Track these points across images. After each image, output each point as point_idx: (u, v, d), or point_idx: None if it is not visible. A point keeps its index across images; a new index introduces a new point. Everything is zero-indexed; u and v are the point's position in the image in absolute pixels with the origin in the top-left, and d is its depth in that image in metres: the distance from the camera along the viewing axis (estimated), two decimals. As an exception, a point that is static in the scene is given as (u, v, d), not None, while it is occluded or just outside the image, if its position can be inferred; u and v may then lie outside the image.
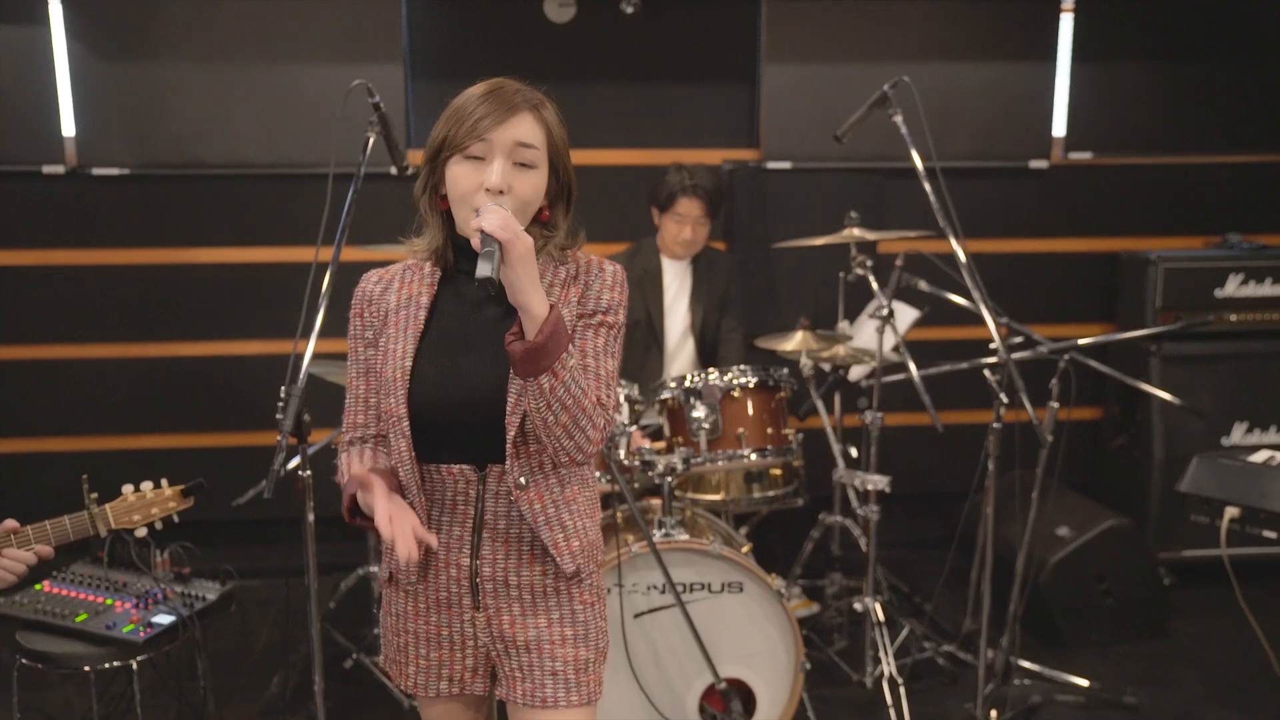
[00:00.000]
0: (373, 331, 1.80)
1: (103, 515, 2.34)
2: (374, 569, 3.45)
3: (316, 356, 2.56)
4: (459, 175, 1.67)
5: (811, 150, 4.36)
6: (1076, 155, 4.53)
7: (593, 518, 1.82)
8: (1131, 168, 4.57)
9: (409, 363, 1.71)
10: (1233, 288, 4.31)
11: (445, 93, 4.18)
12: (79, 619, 2.70)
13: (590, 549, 1.80)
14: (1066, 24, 4.44)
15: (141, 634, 2.64)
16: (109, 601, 2.78)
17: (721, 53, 4.37)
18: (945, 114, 4.23)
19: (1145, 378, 4.11)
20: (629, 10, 4.19)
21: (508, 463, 1.69)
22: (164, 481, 2.43)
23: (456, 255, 1.77)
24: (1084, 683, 3.41)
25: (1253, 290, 4.31)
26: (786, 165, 4.37)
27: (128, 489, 2.39)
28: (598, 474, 2.92)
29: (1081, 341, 3.19)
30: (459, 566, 1.75)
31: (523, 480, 1.70)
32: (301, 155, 4.18)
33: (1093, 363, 3.30)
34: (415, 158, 2.67)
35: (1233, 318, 4.28)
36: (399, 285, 1.80)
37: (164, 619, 2.70)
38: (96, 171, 4.09)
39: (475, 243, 1.59)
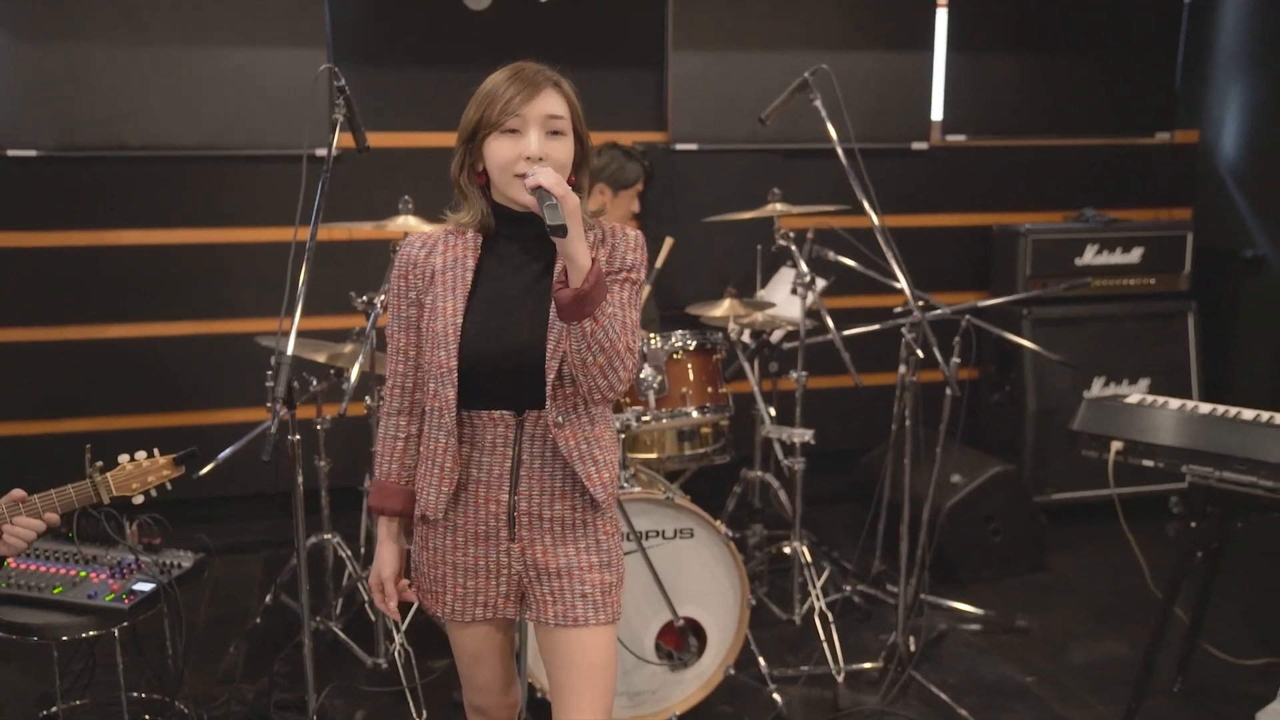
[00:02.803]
0: (416, 292, 1.97)
1: (105, 484, 2.41)
2: (327, 536, 3.56)
3: (275, 333, 2.67)
4: (499, 148, 1.86)
5: (716, 132, 4.65)
6: (953, 137, 4.96)
7: (614, 453, 2.03)
8: (1001, 149, 5.03)
9: (460, 319, 1.90)
10: (1090, 256, 4.80)
11: (368, 76, 4.32)
12: (56, 591, 2.73)
13: (613, 481, 2.01)
14: (942, 17, 4.86)
15: (125, 601, 2.70)
16: (83, 574, 2.82)
17: (631, 40, 4.61)
18: (835, 98, 4.58)
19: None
20: (543, -1, 4.39)
21: (547, 404, 1.89)
22: (156, 451, 2.51)
23: (498, 222, 1.96)
24: (981, 612, 3.81)
25: (1106, 259, 4.82)
26: (693, 147, 4.65)
27: (124, 458, 2.46)
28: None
29: (982, 304, 3.55)
30: (498, 502, 1.95)
31: (559, 419, 1.91)
32: (226, 138, 4.23)
33: (987, 325, 3.66)
34: (343, 140, 2.82)
35: (1090, 283, 4.78)
36: (443, 249, 1.97)
37: (144, 586, 2.77)
38: (12, 153, 4.04)
39: (525, 198, 1.80)
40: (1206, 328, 4.90)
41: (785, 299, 3.86)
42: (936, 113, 4.93)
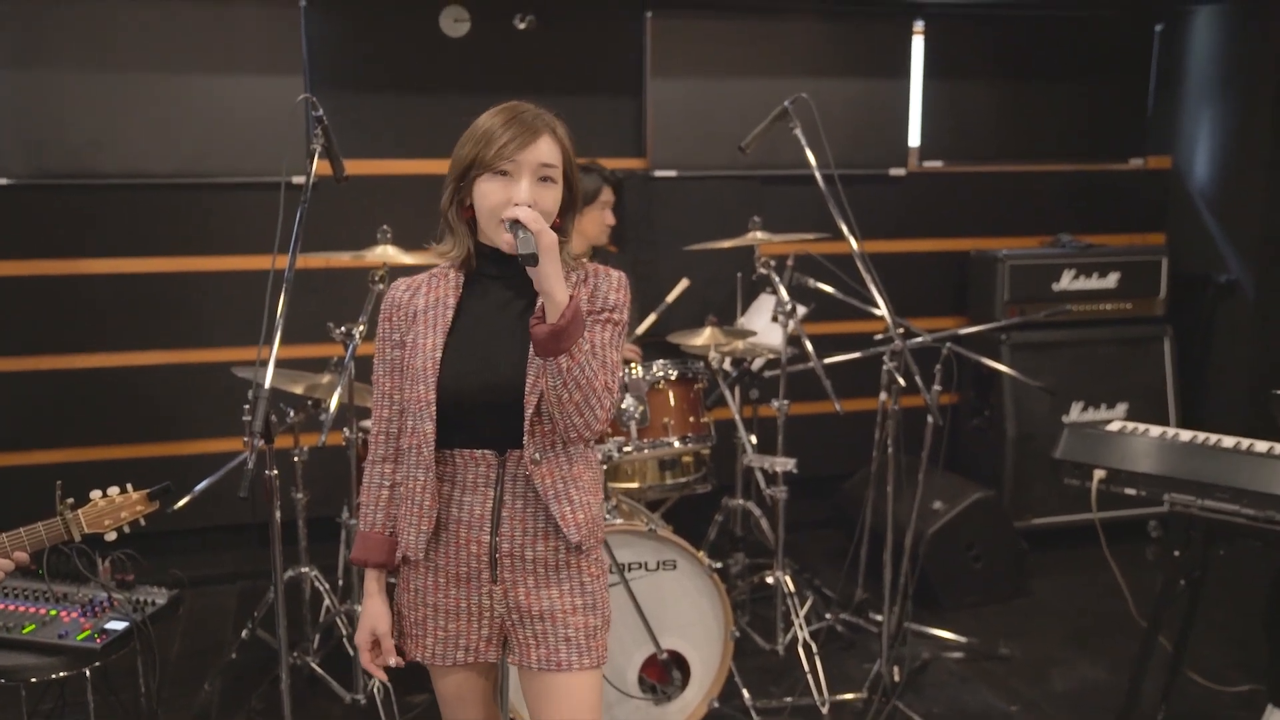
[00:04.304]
0: (399, 334, 1.96)
1: (76, 521, 2.36)
2: (304, 569, 3.51)
3: (251, 363, 2.63)
4: (489, 191, 1.85)
5: (695, 159, 4.66)
6: (930, 164, 4.99)
7: (595, 495, 2.00)
8: (977, 175, 5.06)
9: (439, 354, 1.89)
10: (1066, 282, 4.83)
11: (345, 103, 4.30)
12: (26, 630, 2.67)
13: (593, 523, 1.97)
14: (918, 45, 4.89)
15: (98, 640, 2.64)
16: (53, 612, 2.75)
17: (610, 67, 4.61)
18: (814, 126, 4.59)
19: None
20: (521, 26, 4.38)
21: (525, 439, 1.87)
22: (129, 486, 2.47)
23: (481, 260, 1.95)
24: (964, 640, 3.79)
25: (1083, 284, 4.85)
26: (672, 173, 4.65)
27: (96, 494, 2.42)
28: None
29: (963, 331, 3.55)
30: (479, 543, 1.91)
31: (536, 456, 1.88)
32: (201, 165, 4.20)
33: (968, 352, 3.66)
34: (320, 168, 2.79)
35: (1070, 310, 4.80)
36: (426, 290, 1.97)
37: (117, 625, 2.71)
38: (-17, 181, 4.00)
39: (506, 239, 1.80)
40: (1182, 352, 4.93)
41: (766, 326, 3.86)
42: (914, 139, 4.95)
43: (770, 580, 3.63)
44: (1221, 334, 4.96)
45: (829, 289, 3.76)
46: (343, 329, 3.24)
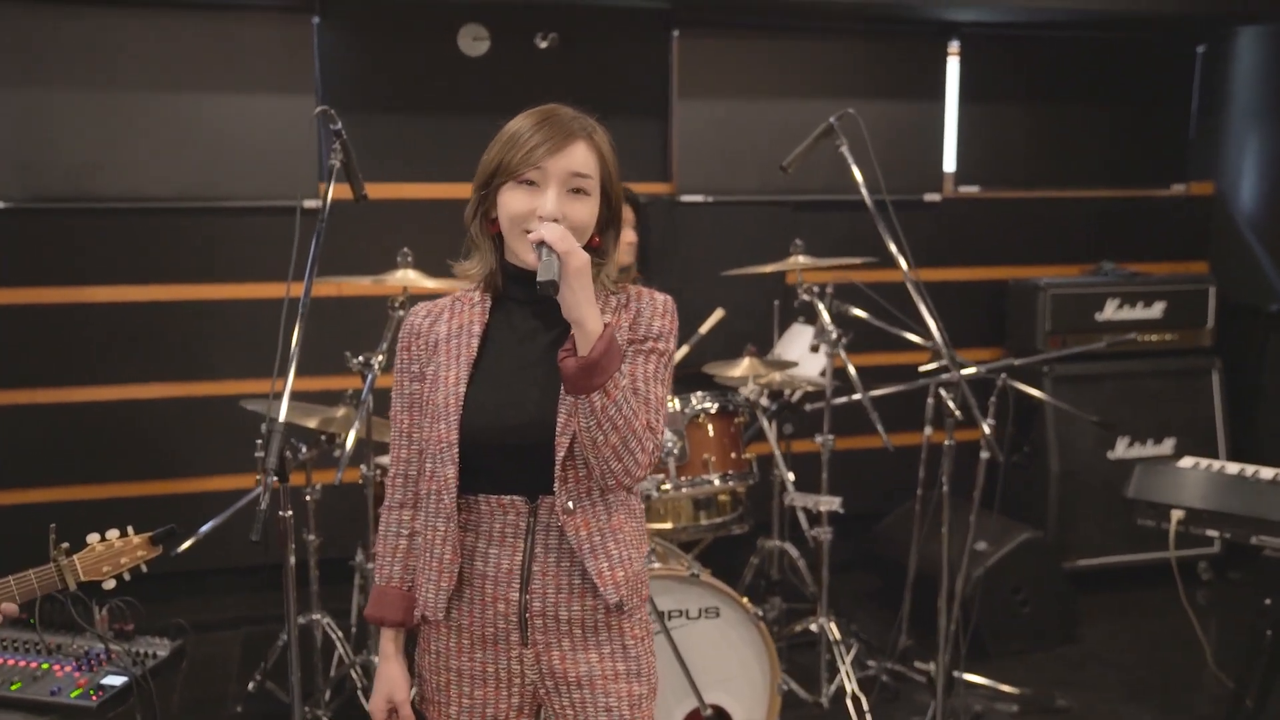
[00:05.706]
0: (419, 365, 1.76)
1: (71, 567, 2.18)
2: (316, 616, 3.28)
3: (261, 396, 2.44)
4: (513, 200, 1.66)
5: (723, 184, 4.47)
6: (966, 189, 4.80)
7: (639, 549, 1.78)
8: (1015, 201, 4.87)
9: (462, 389, 1.68)
10: (1110, 311, 4.62)
11: (359, 124, 4.11)
12: (14, 688, 2.45)
13: (635, 580, 1.76)
14: (953, 67, 4.71)
15: (94, 698, 2.42)
16: (45, 666, 2.54)
17: (634, 88, 4.44)
18: (861, 144, 4.42)
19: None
20: (543, 45, 4.21)
21: (556, 485, 1.66)
22: (130, 529, 2.27)
23: (506, 282, 1.75)
24: (1016, 690, 3.55)
25: (1127, 313, 4.64)
26: (699, 198, 4.45)
27: (94, 538, 2.23)
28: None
29: (1017, 362, 3.35)
30: (507, 601, 1.70)
31: (570, 504, 1.67)
32: (206, 188, 4.02)
33: (1023, 386, 3.45)
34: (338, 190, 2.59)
35: (1137, 339, 4.58)
36: (449, 316, 1.76)
37: (115, 680, 2.49)
38: (-25, 205, 3.81)
39: (531, 258, 1.60)
40: (1232, 385, 4.71)
41: (802, 356, 3.65)
42: (949, 164, 4.77)
43: (814, 628, 3.39)
44: (1273, 366, 4.75)
45: (873, 319, 3.56)
46: (360, 359, 3.05)
